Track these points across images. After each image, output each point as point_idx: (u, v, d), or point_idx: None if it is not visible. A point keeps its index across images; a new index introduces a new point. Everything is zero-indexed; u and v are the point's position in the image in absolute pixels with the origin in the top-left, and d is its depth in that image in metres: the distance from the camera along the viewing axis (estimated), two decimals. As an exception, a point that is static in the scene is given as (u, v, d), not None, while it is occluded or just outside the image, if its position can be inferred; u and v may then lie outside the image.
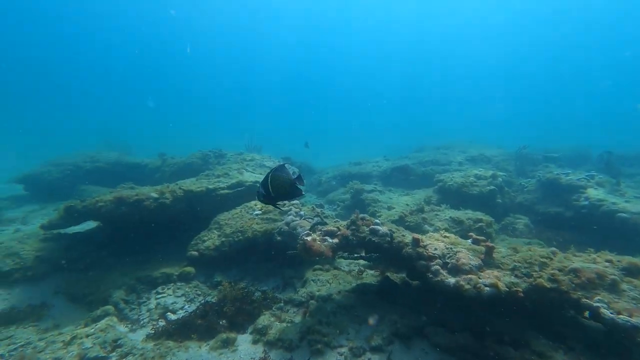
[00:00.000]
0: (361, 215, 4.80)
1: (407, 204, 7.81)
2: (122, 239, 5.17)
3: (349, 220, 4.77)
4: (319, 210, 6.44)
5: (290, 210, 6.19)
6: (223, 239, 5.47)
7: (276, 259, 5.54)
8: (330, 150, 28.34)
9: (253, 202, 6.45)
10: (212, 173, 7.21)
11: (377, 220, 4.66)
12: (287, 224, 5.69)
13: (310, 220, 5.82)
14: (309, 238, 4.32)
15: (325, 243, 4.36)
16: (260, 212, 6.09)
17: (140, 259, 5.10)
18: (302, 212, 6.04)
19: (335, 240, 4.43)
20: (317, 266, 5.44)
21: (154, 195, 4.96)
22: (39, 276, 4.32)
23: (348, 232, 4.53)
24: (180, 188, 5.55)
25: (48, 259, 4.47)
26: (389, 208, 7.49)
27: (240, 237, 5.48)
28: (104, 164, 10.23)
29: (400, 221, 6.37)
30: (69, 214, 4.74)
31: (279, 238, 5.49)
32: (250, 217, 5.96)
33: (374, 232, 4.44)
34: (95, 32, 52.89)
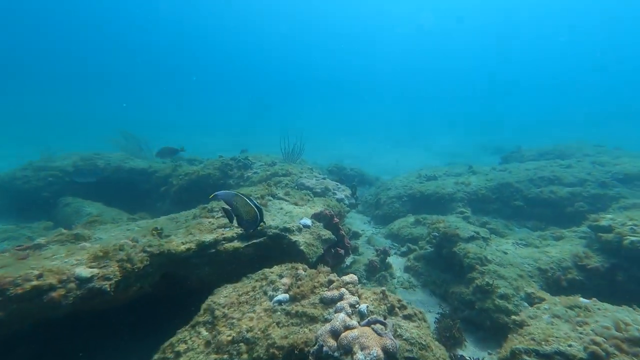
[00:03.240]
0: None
1: (547, 273, 4.63)
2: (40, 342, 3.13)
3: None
4: (393, 298, 3.73)
5: (341, 296, 3.58)
6: (214, 357, 3.08)
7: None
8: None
9: (277, 270, 3.99)
10: (218, 206, 4.90)
11: None
12: (335, 333, 3.11)
13: (380, 327, 3.15)
14: None
15: None
16: (285, 297, 3.58)
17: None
18: (362, 307, 3.40)
19: None
20: None
21: (84, 274, 2.73)
22: None
23: None
24: (144, 250, 3.29)
25: None
26: (528, 298, 4.31)
27: (246, 358, 3.04)
28: (101, 169, 8.74)
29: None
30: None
31: (318, 370, 2.94)
32: (268, 307, 3.50)
33: None
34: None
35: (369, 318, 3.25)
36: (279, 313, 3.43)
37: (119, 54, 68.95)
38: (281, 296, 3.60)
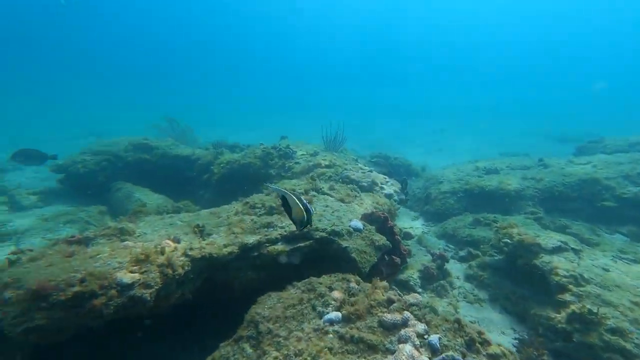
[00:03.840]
0: None
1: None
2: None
3: None
4: (472, 329, 3.05)
5: (405, 322, 3.01)
6: (258, 382, 2.72)
7: None
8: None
9: (326, 281, 3.53)
10: (260, 202, 4.51)
11: None
12: (401, 371, 2.56)
13: (456, 365, 2.55)
14: None
15: None
16: (337, 316, 3.09)
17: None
18: (433, 339, 2.81)
19: None
20: None
21: (125, 280, 2.49)
22: None
23: None
24: (186, 254, 2.99)
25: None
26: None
27: (294, 389, 2.63)
28: (148, 155, 8.90)
29: None
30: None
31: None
32: (318, 326, 3.04)
33: None
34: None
35: (443, 355, 2.66)
36: (331, 336, 2.96)
37: (165, 43, 72.54)
38: (332, 314, 3.12)
